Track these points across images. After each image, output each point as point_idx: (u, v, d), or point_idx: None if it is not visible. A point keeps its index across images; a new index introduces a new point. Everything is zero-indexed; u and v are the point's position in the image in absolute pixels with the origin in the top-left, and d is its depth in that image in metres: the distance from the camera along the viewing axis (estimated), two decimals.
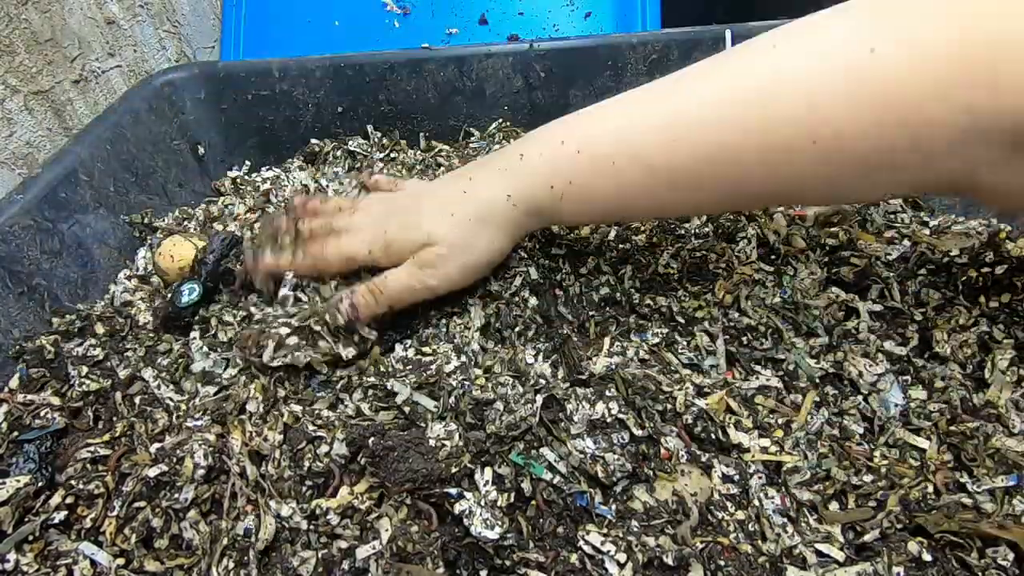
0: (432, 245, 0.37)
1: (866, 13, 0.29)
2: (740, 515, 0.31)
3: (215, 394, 0.37)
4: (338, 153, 0.62)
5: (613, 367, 0.36)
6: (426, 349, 0.38)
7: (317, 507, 0.31)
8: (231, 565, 0.30)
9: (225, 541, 0.31)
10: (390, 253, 0.39)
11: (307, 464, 0.33)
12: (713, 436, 0.34)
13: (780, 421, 0.35)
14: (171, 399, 0.37)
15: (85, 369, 0.40)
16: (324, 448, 0.33)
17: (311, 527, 0.31)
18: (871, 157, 0.29)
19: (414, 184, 0.45)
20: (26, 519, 0.33)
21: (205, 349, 0.39)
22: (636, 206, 0.37)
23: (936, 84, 0.27)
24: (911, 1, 0.29)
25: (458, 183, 0.39)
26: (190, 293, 0.42)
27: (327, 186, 0.57)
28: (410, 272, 0.38)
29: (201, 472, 0.33)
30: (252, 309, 0.40)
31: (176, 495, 0.32)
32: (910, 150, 0.29)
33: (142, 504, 0.33)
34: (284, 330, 0.37)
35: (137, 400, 0.38)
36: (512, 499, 0.31)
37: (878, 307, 0.40)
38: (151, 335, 0.42)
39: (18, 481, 0.34)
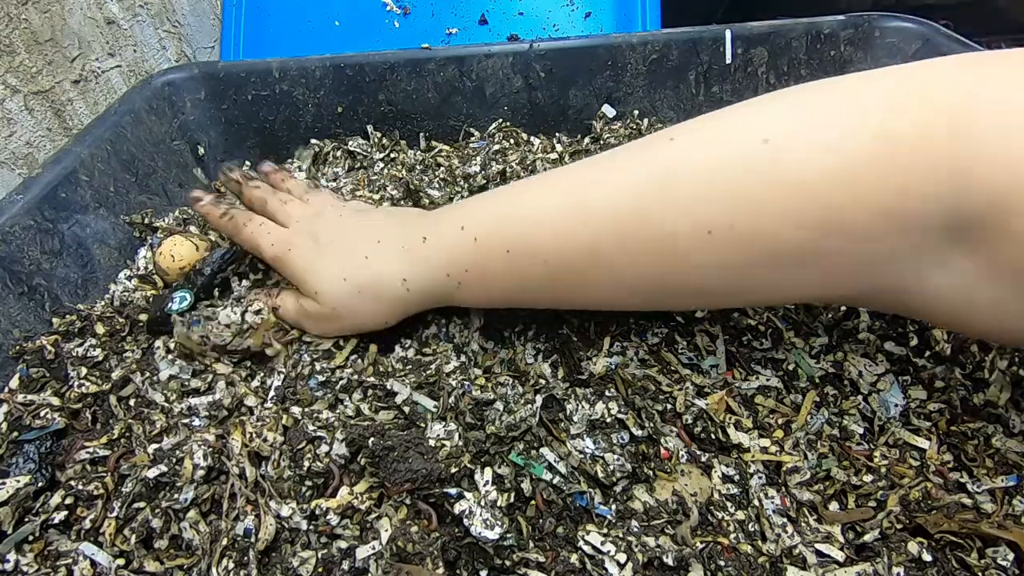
0: (317, 303, 0.38)
1: (775, 103, 0.28)
2: (740, 515, 0.31)
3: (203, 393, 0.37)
4: (338, 153, 0.62)
5: (613, 367, 0.36)
6: (426, 349, 0.38)
7: (317, 507, 0.31)
8: (231, 565, 0.30)
9: (225, 541, 0.31)
10: (282, 269, 0.40)
11: (307, 464, 0.33)
12: (713, 436, 0.34)
13: (780, 421, 0.35)
14: (161, 402, 0.37)
15: (84, 370, 0.40)
16: (324, 448, 0.33)
17: (311, 527, 0.31)
18: (769, 253, 0.28)
19: (338, 212, 0.42)
20: (26, 519, 0.33)
21: (169, 357, 0.39)
22: (535, 297, 0.36)
23: (853, 177, 0.25)
24: (823, 88, 0.28)
25: (366, 242, 0.38)
26: (181, 301, 0.42)
27: (327, 186, 0.57)
28: (296, 307, 0.39)
29: (201, 473, 0.33)
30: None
31: (176, 496, 0.32)
32: (823, 248, 0.27)
33: (142, 505, 0.33)
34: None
35: (132, 402, 0.38)
36: (512, 499, 0.31)
37: None
38: (148, 336, 0.42)
39: (18, 481, 0.34)
